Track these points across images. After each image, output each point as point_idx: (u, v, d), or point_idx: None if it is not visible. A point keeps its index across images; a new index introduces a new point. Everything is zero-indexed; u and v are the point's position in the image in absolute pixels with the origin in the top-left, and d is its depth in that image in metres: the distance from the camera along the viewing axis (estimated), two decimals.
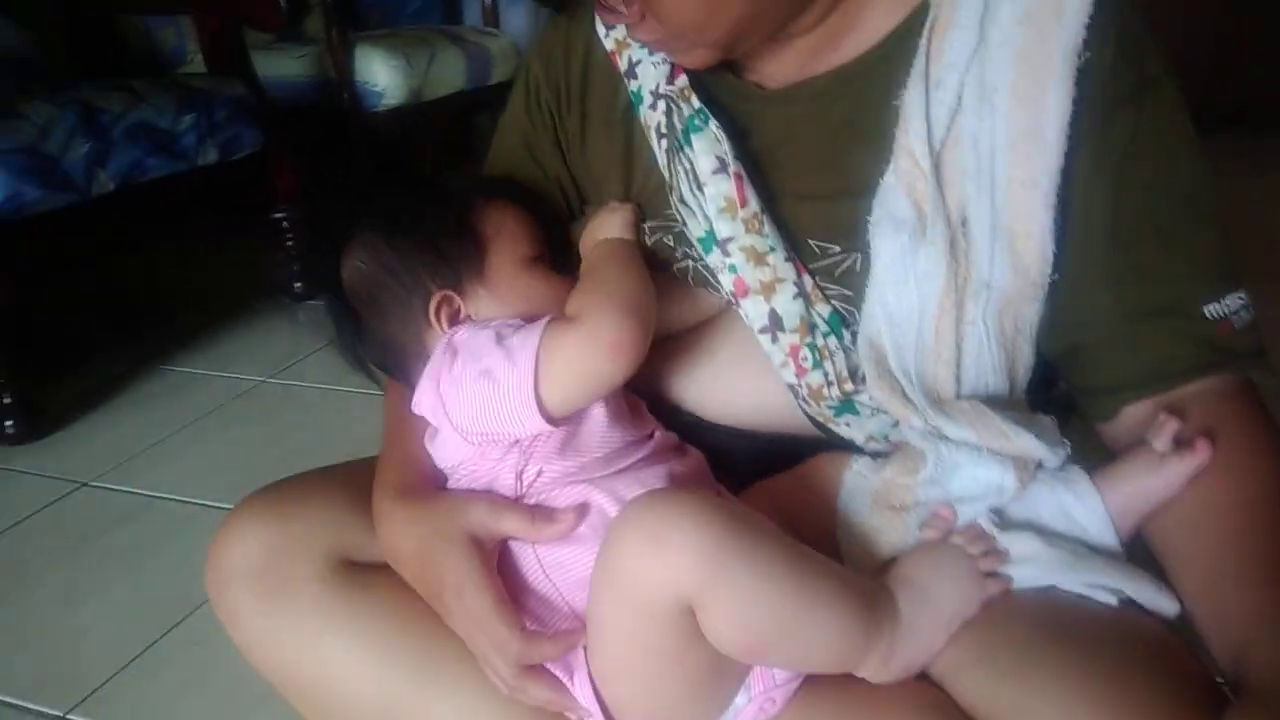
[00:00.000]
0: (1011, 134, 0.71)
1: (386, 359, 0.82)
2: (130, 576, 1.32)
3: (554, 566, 0.71)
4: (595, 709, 0.67)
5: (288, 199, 2.27)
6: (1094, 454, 0.76)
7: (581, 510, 0.70)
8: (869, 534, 0.73)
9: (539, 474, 0.72)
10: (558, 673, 0.68)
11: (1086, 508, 0.70)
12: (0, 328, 1.69)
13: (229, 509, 0.78)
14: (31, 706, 1.12)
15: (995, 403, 0.75)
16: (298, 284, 2.33)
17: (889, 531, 0.72)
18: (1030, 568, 0.68)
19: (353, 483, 0.80)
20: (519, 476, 0.72)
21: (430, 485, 0.75)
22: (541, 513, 0.70)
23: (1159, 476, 0.69)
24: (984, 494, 0.71)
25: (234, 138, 2.08)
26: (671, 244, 0.84)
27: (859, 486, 0.75)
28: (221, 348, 2.13)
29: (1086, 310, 0.74)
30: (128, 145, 1.83)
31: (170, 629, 1.21)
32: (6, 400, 1.74)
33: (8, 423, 1.75)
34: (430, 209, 0.81)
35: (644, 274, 0.78)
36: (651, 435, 0.79)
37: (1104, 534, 0.70)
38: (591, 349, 0.70)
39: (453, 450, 0.74)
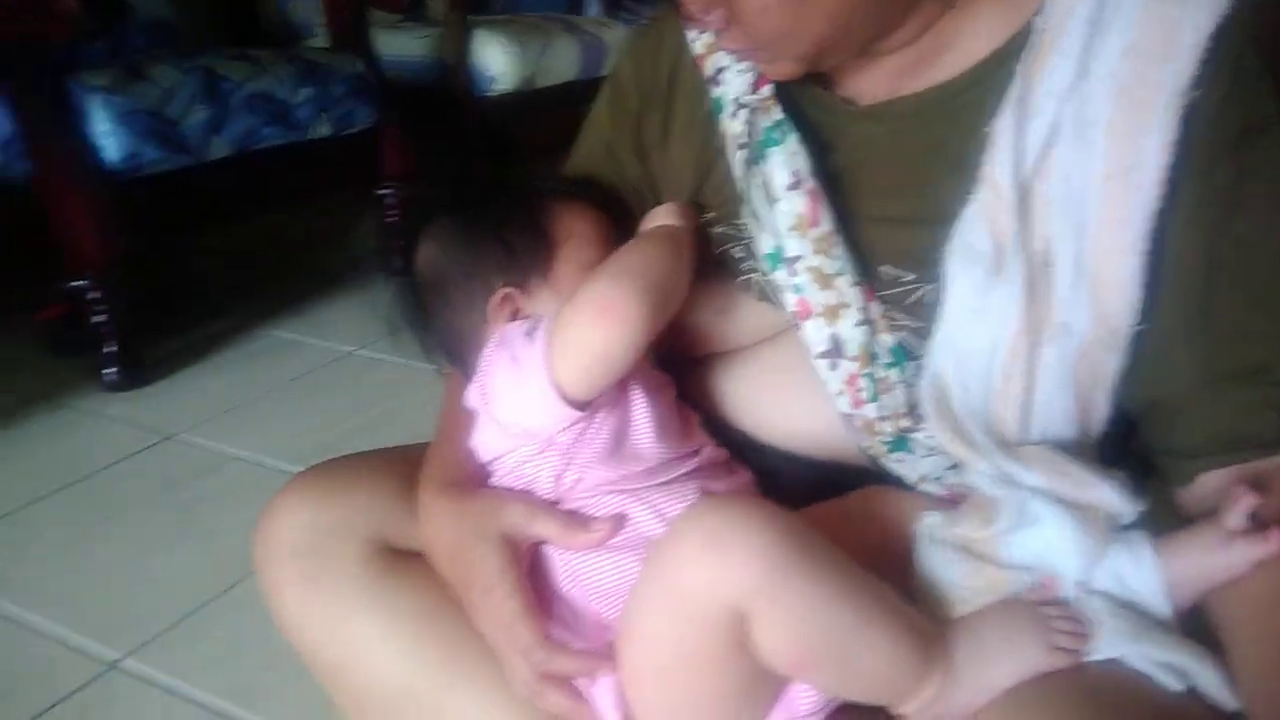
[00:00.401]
0: (1106, 171, 0.67)
1: (448, 347, 0.82)
2: (200, 531, 1.37)
3: (584, 574, 0.70)
4: None
5: (395, 176, 2.32)
6: (1167, 520, 0.70)
7: (618, 521, 0.70)
8: (948, 589, 0.69)
9: (578, 481, 0.72)
10: (579, 680, 0.68)
11: (1143, 575, 0.66)
12: (112, 280, 1.77)
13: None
14: (90, 648, 1.17)
15: (1066, 449, 0.71)
16: (397, 260, 2.35)
17: (972, 586, 0.68)
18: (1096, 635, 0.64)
19: (403, 468, 0.81)
20: (557, 479, 0.72)
21: (473, 481, 0.75)
22: (577, 520, 0.70)
23: (1224, 556, 0.64)
24: (1067, 553, 0.66)
25: (348, 113, 2.14)
26: (740, 255, 0.82)
27: (935, 538, 0.72)
28: (318, 316, 2.20)
29: (1168, 364, 0.69)
30: (245, 113, 1.89)
31: (229, 588, 1.25)
32: (111, 349, 1.83)
33: (109, 371, 1.84)
34: (505, 205, 0.81)
35: (661, 249, 0.76)
36: (701, 450, 0.78)
37: (1157, 605, 0.65)
38: (581, 315, 0.69)
39: (492, 441, 0.74)
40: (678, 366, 0.85)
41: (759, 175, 0.78)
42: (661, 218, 0.82)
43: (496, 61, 2.60)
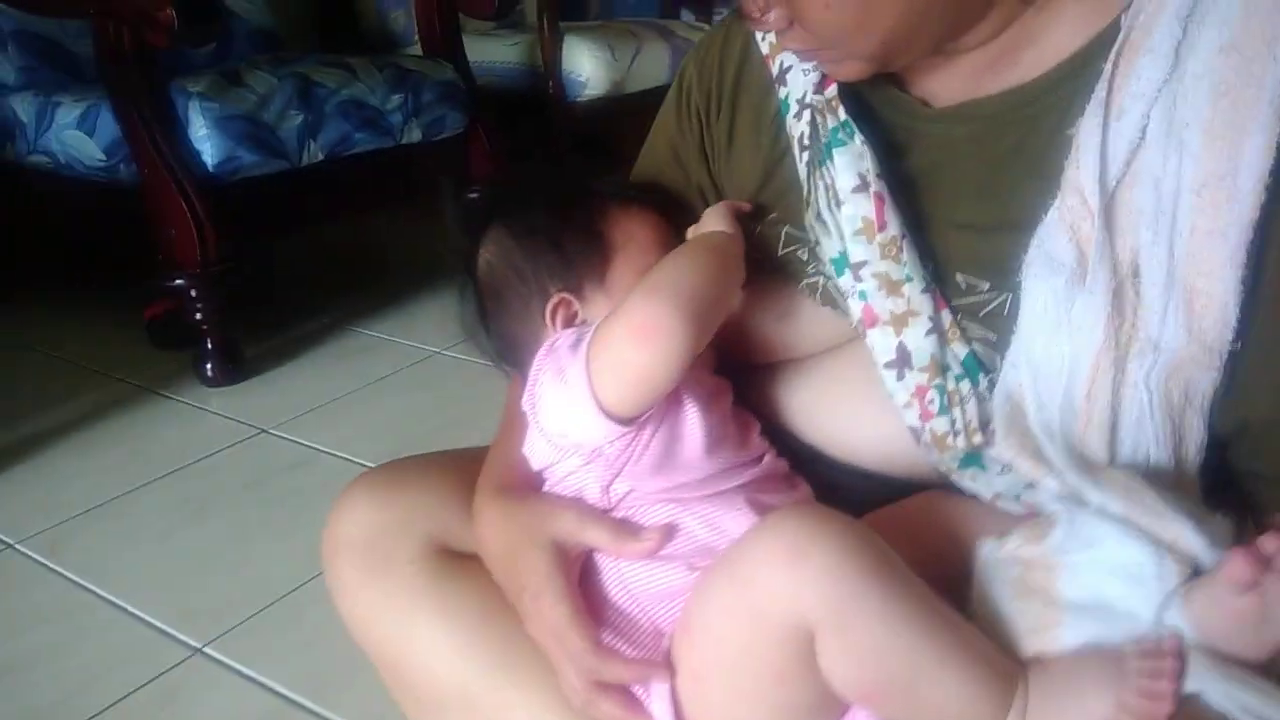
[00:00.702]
0: (1201, 177, 0.63)
1: (507, 352, 0.82)
2: (285, 525, 1.41)
3: (634, 581, 0.70)
4: None
5: (482, 180, 2.35)
6: None
7: (669, 531, 0.69)
8: (1007, 622, 0.65)
9: (628, 492, 0.71)
10: (634, 686, 0.67)
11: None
12: (209, 279, 1.83)
13: None
14: (178, 633, 1.21)
15: (1158, 479, 0.66)
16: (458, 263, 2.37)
17: (1029, 623, 0.64)
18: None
19: (464, 470, 0.81)
20: (606, 490, 0.71)
21: (528, 486, 0.75)
22: (627, 528, 0.69)
23: (1230, 604, 0.58)
24: (1135, 582, 0.61)
25: (438, 119, 2.18)
26: (805, 259, 0.80)
27: (993, 561, 0.68)
28: (407, 317, 2.24)
29: (1264, 383, 0.65)
30: (338, 119, 1.94)
31: (306, 581, 1.28)
32: (209, 346, 1.90)
33: (208, 366, 1.91)
34: (564, 209, 0.81)
35: (704, 259, 0.74)
36: (760, 459, 0.76)
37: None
38: (618, 335, 0.67)
39: (540, 451, 0.74)
40: (738, 372, 0.83)
41: (824, 177, 0.75)
42: (711, 222, 0.80)
43: (586, 66, 2.61)
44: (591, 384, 0.66)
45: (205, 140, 1.78)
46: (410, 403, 1.82)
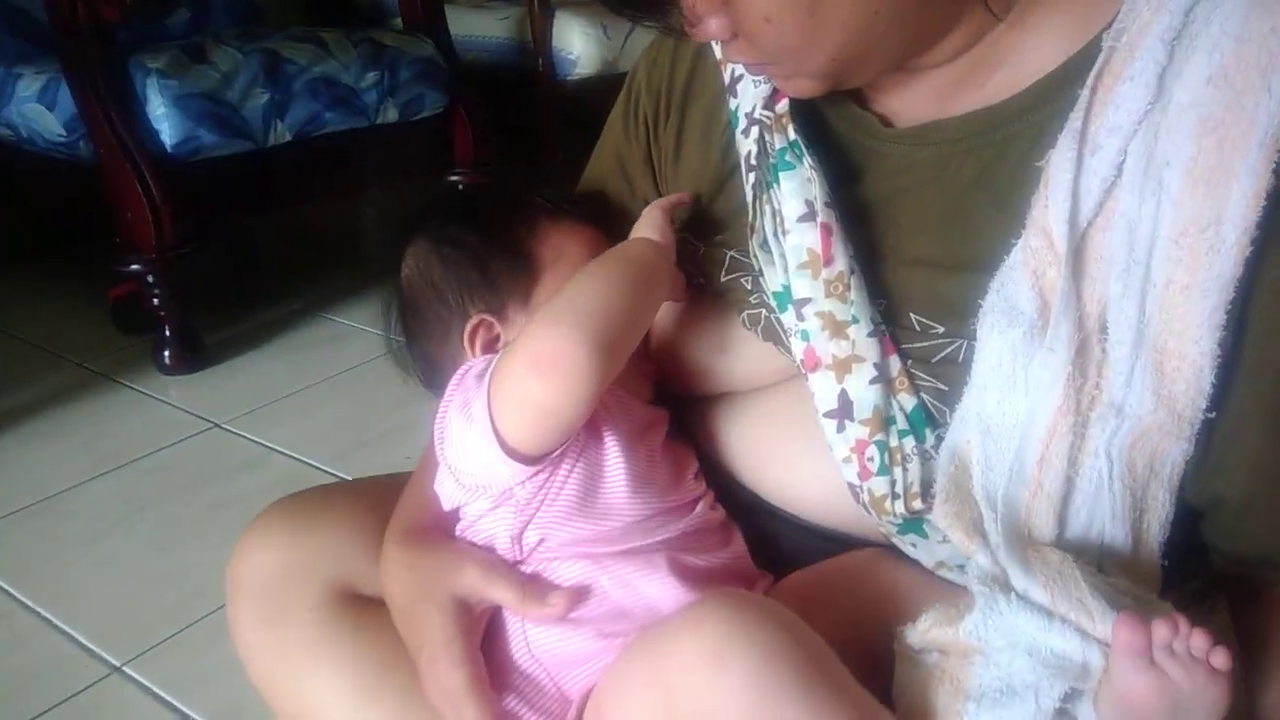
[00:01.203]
0: (1180, 225, 0.57)
1: (428, 374, 0.78)
2: (225, 532, 1.34)
3: (541, 645, 0.65)
4: None
5: (465, 163, 2.27)
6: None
7: (579, 594, 0.64)
8: (922, 713, 0.60)
9: (540, 541, 0.65)
10: None
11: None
12: (167, 263, 1.77)
13: (332, 475, 0.77)
14: (95, 651, 1.16)
15: (1111, 565, 0.61)
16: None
17: (939, 709, 0.59)
18: None
19: (378, 503, 0.76)
20: (516, 540, 0.66)
21: (438, 530, 0.70)
22: (535, 588, 0.63)
23: (1121, 703, 0.53)
24: (1056, 674, 0.56)
25: (416, 98, 2.10)
26: (749, 286, 0.73)
27: (911, 643, 0.62)
28: (380, 305, 2.17)
29: (1238, 458, 0.59)
30: (307, 98, 1.87)
31: None
32: (167, 333, 1.83)
33: (165, 354, 1.85)
34: (491, 223, 0.75)
35: (619, 275, 0.67)
36: (693, 504, 0.70)
37: None
38: (519, 367, 0.62)
39: (448, 491, 0.68)
40: (677, 403, 0.78)
41: (770, 201, 0.69)
42: (639, 228, 0.73)
43: (577, 44, 2.53)
44: (493, 420, 0.61)
45: (163, 119, 1.71)
46: (372, 398, 1.76)
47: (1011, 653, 0.57)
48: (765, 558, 0.74)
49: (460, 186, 2.31)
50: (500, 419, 0.62)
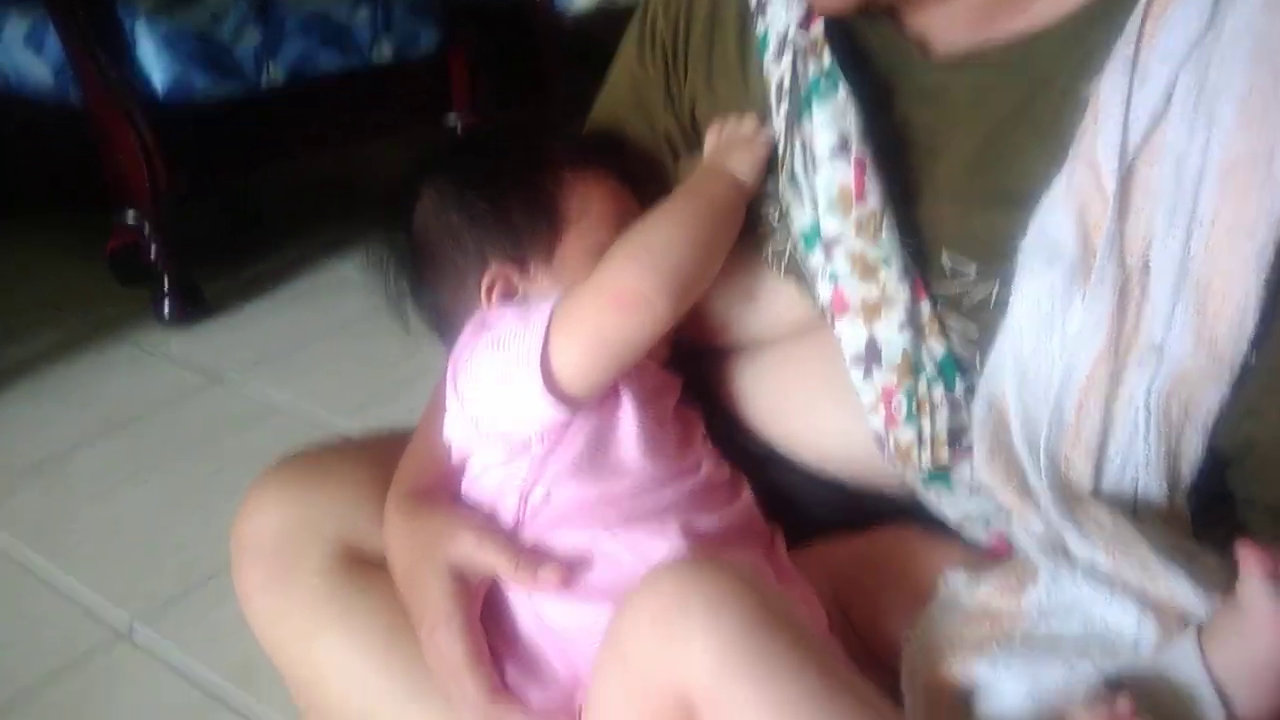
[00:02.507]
0: (1230, 159, 0.55)
1: (435, 322, 0.76)
2: (230, 489, 1.32)
3: (552, 616, 0.63)
4: None
5: (463, 105, 2.22)
6: None
7: (579, 565, 0.62)
8: (947, 660, 0.58)
9: (546, 498, 0.64)
10: None
11: (1184, 672, 0.52)
12: (162, 212, 1.74)
13: (338, 427, 0.75)
14: (105, 611, 1.15)
15: (1146, 513, 0.59)
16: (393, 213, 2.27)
17: (971, 663, 0.56)
18: None
19: (380, 463, 0.74)
20: (523, 497, 0.64)
21: (440, 491, 0.68)
22: (530, 557, 0.62)
23: (1247, 616, 0.50)
24: (1107, 648, 0.54)
25: (411, 36, 2.05)
26: (775, 222, 0.71)
27: (952, 602, 0.60)
28: (379, 252, 2.14)
29: (1276, 399, 0.57)
30: (299, 36, 1.83)
31: None
32: (165, 284, 1.81)
33: (164, 305, 1.82)
34: (515, 171, 0.73)
35: (701, 218, 0.67)
36: (698, 467, 0.68)
37: (1206, 710, 0.52)
38: (594, 300, 0.63)
39: (460, 436, 0.67)
40: (695, 355, 0.75)
41: (800, 133, 0.66)
42: (736, 162, 0.70)
43: None
44: (547, 354, 0.62)
45: (154, 61, 1.67)
46: (379, 349, 1.73)
47: (1065, 616, 0.55)
48: (778, 512, 0.72)
49: (459, 130, 2.26)
50: (559, 353, 0.62)
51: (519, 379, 0.62)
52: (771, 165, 0.71)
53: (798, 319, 0.71)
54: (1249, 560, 0.49)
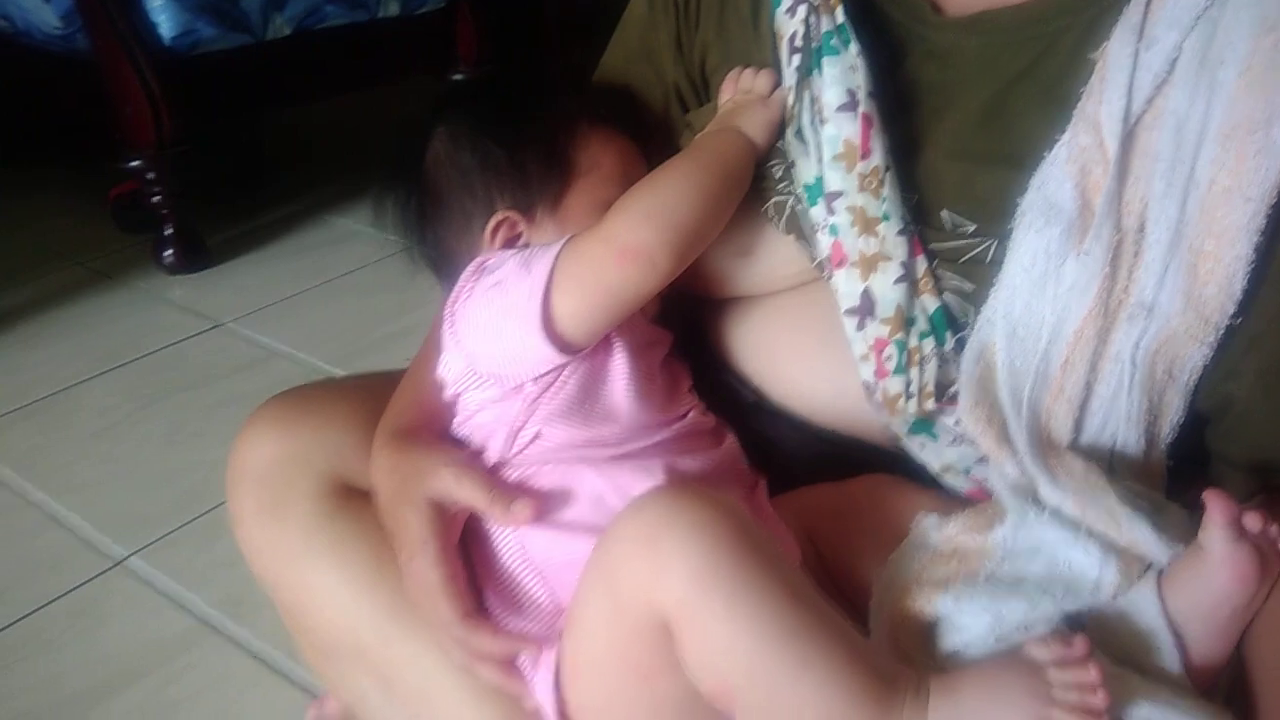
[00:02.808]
0: (1230, 124, 0.56)
1: (438, 261, 0.76)
2: (227, 429, 1.34)
3: (535, 549, 0.65)
4: (550, 711, 0.61)
5: (469, 60, 2.20)
6: None
7: (563, 501, 0.64)
8: (912, 594, 0.59)
9: (536, 437, 0.65)
10: (523, 663, 0.63)
11: (1144, 614, 0.54)
12: (167, 160, 1.73)
13: (332, 374, 0.75)
14: (101, 542, 1.16)
15: (1123, 467, 0.61)
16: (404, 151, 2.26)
17: (935, 598, 0.58)
18: None
19: (371, 401, 0.75)
20: (513, 435, 0.66)
21: (426, 430, 0.70)
22: (505, 492, 0.63)
23: (1206, 561, 0.53)
24: (1069, 588, 0.56)
25: None
26: (779, 175, 0.72)
27: (922, 541, 0.62)
28: (381, 207, 2.14)
29: (1256, 364, 0.59)
30: None
31: None
32: (168, 232, 1.81)
33: (167, 253, 1.82)
34: (529, 118, 0.74)
35: (713, 185, 0.68)
36: (684, 416, 0.70)
37: (1163, 647, 0.54)
38: (601, 251, 0.64)
39: (455, 374, 0.68)
40: (691, 304, 0.77)
41: (810, 88, 0.67)
42: (747, 121, 0.71)
43: None
44: (548, 299, 0.63)
45: (161, 10, 1.65)
46: (375, 301, 1.74)
47: (1030, 557, 0.57)
48: (763, 459, 0.73)
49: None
50: (561, 298, 0.63)
51: (519, 320, 0.63)
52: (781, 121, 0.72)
53: (794, 274, 0.72)
54: (1214, 506, 0.52)
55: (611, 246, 0.63)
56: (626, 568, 0.53)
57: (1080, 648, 0.50)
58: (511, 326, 0.64)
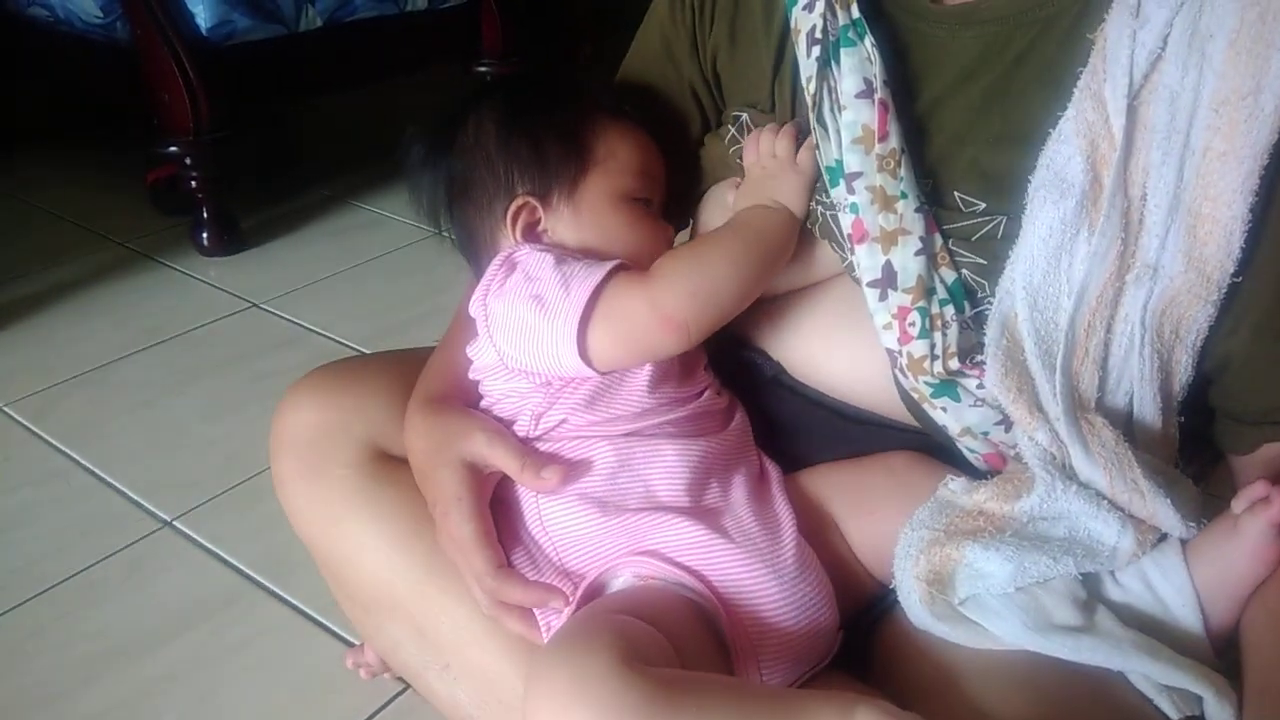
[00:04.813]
0: (1220, 95, 0.59)
1: (463, 243, 0.80)
2: (265, 402, 1.39)
3: (550, 517, 0.69)
4: None
5: (494, 51, 2.25)
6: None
7: (578, 470, 0.68)
8: (941, 542, 0.63)
9: (561, 423, 0.70)
10: (541, 620, 0.67)
11: (1169, 582, 0.58)
12: (204, 146, 1.78)
13: (364, 352, 0.79)
14: (146, 506, 1.22)
15: (1141, 427, 0.64)
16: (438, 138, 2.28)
17: (964, 545, 0.62)
18: (1099, 647, 0.56)
19: (407, 373, 0.80)
20: (536, 419, 0.70)
21: (456, 398, 0.74)
22: (534, 459, 0.68)
23: (1239, 542, 0.57)
24: (1088, 553, 0.59)
25: None
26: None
27: (949, 500, 0.65)
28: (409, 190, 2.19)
29: (1251, 318, 0.62)
30: None
31: None
32: (204, 215, 1.86)
33: (203, 235, 1.87)
34: (552, 107, 0.77)
35: (760, 266, 0.71)
36: (700, 394, 0.74)
37: (1187, 614, 0.58)
38: (645, 313, 0.67)
39: (485, 359, 0.72)
40: None
41: (829, 78, 0.70)
42: (787, 195, 0.73)
43: None
44: (585, 329, 0.66)
45: (198, 2, 1.70)
46: (402, 284, 1.79)
47: (1054, 523, 0.60)
48: (775, 432, 0.77)
49: (489, 77, 2.29)
50: (596, 335, 0.66)
51: (553, 339, 0.66)
52: (790, 114, 0.75)
53: (821, 272, 0.76)
54: (1264, 500, 0.55)
55: (655, 313, 0.66)
56: None
57: None
58: (546, 343, 0.67)
